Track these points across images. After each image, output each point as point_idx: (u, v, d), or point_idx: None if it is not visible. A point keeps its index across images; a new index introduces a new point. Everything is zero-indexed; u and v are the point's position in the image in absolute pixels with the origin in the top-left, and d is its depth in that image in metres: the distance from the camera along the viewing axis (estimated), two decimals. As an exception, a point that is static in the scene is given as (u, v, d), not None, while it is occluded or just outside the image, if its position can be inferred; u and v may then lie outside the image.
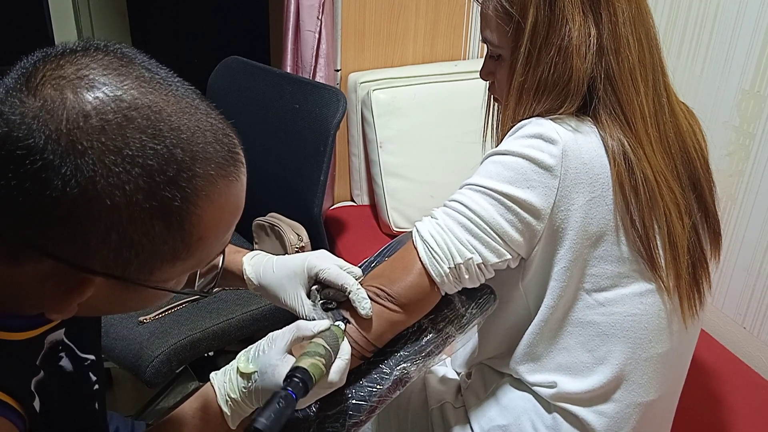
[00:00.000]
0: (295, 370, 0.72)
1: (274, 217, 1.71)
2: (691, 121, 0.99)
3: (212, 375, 0.80)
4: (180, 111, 0.56)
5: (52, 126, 0.51)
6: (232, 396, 0.77)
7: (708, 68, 1.58)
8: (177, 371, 1.82)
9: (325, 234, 1.70)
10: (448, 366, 1.18)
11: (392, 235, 1.98)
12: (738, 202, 1.55)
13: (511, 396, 1.01)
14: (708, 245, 0.98)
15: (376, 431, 1.17)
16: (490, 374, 1.06)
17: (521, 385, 1.01)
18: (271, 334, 0.79)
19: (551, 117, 0.88)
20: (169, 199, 0.54)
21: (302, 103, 1.69)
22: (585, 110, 0.90)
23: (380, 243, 1.04)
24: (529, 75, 0.90)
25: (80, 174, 0.51)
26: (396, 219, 1.99)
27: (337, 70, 2.06)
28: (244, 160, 0.62)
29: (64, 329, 0.73)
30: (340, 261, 0.91)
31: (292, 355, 0.77)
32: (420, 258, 0.89)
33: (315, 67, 1.96)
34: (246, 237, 1.92)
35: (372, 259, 0.99)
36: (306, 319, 0.89)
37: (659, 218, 0.89)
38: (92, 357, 0.79)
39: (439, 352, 0.92)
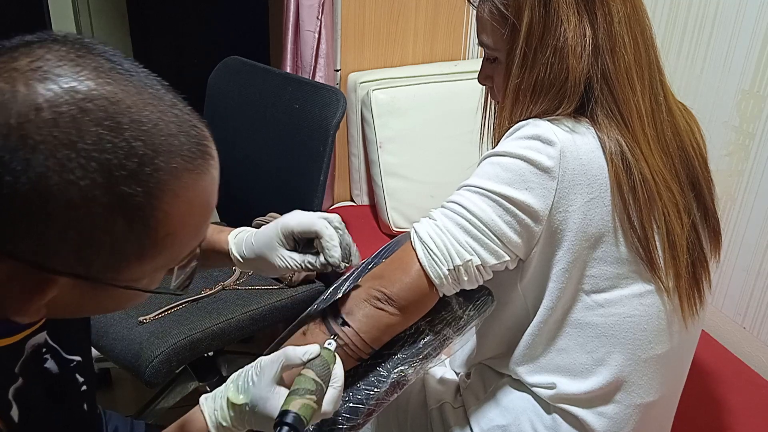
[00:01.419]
0: (284, 415, 0.70)
1: (274, 217, 1.70)
2: (688, 119, 0.99)
3: (202, 399, 0.78)
4: (142, 102, 0.53)
5: (1, 120, 0.49)
6: (224, 424, 0.75)
7: (708, 68, 1.58)
8: (177, 371, 1.81)
9: (324, 234, 1.70)
10: (447, 366, 1.18)
11: (392, 235, 1.98)
12: (738, 202, 1.55)
13: (510, 396, 1.01)
14: (708, 244, 0.98)
15: (375, 431, 1.17)
16: (489, 374, 1.06)
17: (521, 385, 1.01)
18: (259, 359, 0.77)
19: (548, 118, 0.88)
20: (130, 194, 0.52)
21: (302, 103, 1.69)
22: (582, 111, 0.90)
23: (380, 243, 1.03)
24: (526, 76, 0.90)
25: (31, 170, 0.49)
26: (396, 219, 1.99)
27: (337, 70, 2.06)
28: (214, 153, 0.59)
29: (46, 331, 0.71)
30: (313, 213, 0.90)
31: (283, 385, 0.75)
32: (419, 259, 0.89)
33: (315, 67, 1.96)
34: (246, 237, 1.92)
35: (369, 260, 0.99)
36: (300, 269, 0.88)
37: (658, 218, 0.89)
38: (78, 358, 0.77)
39: (437, 355, 0.92)
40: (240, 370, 0.77)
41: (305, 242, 0.90)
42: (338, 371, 0.78)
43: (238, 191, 1.94)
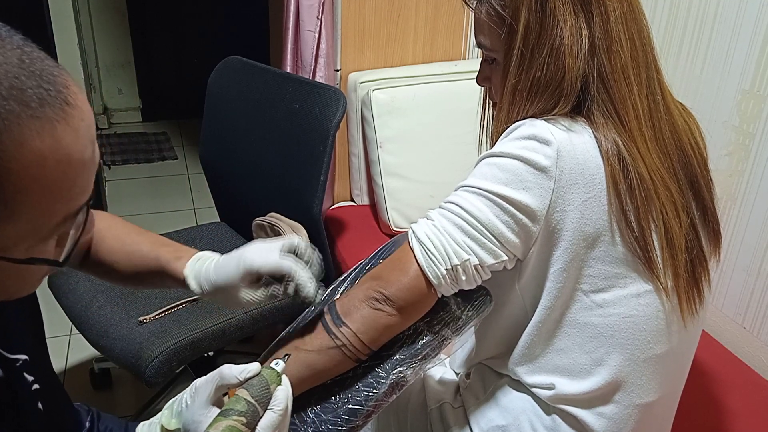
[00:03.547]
0: None
1: (274, 217, 1.70)
2: (687, 119, 0.98)
3: (139, 427, 0.75)
4: None
5: None
6: None
7: (708, 68, 1.58)
8: (177, 371, 1.82)
9: (324, 234, 1.70)
10: (446, 366, 1.18)
11: (392, 235, 1.98)
12: (738, 202, 1.55)
13: (510, 396, 1.01)
14: (707, 244, 0.98)
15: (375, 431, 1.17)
16: (489, 375, 1.06)
17: (520, 385, 1.01)
18: (195, 381, 0.73)
19: (545, 118, 0.88)
20: None
21: (302, 103, 1.69)
22: (579, 110, 0.90)
23: (380, 243, 1.03)
24: (522, 76, 0.90)
25: None
26: (396, 219, 1.99)
27: (337, 70, 2.06)
28: (79, 103, 0.54)
29: None
30: (272, 244, 0.85)
31: (220, 407, 0.70)
32: (416, 260, 0.88)
33: (315, 66, 1.96)
34: (246, 237, 1.92)
35: (367, 261, 0.99)
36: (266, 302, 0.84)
37: (656, 217, 0.89)
38: (24, 356, 0.75)
39: (436, 355, 0.92)
40: (178, 395, 0.74)
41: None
42: (281, 394, 0.72)
43: (238, 191, 1.94)
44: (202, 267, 0.90)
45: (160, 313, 1.58)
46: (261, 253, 0.85)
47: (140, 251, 0.95)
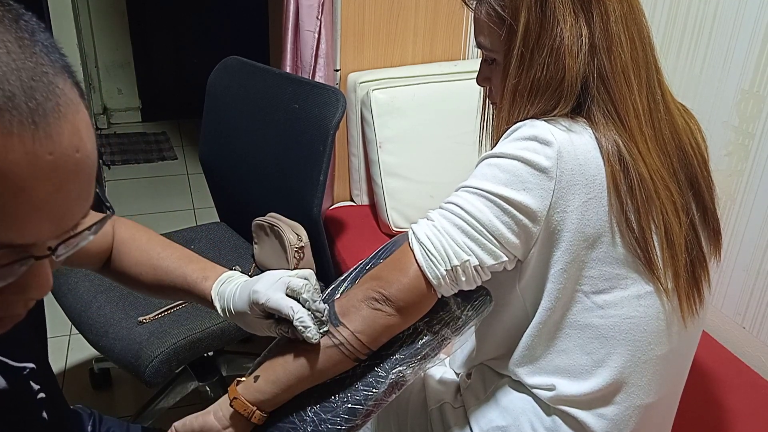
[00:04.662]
0: None
1: (274, 217, 1.70)
2: (688, 120, 0.98)
3: None
4: None
5: None
6: None
7: (707, 68, 1.58)
8: (176, 371, 1.82)
9: (324, 234, 1.70)
10: (446, 366, 1.18)
11: (391, 235, 1.97)
12: (737, 202, 1.55)
13: (510, 397, 1.01)
14: (708, 244, 0.98)
15: (375, 431, 1.17)
16: (489, 375, 1.06)
17: (521, 386, 1.01)
18: None
19: (545, 118, 0.88)
20: None
21: (302, 103, 1.69)
22: (579, 111, 0.90)
23: (379, 243, 1.03)
24: (523, 77, 0.90)
25: None
26: (395, 219, 1.99)
27: (337, 70, 2.06)
28: (62, 139, 0.45)
29: None
30: (280, 283, 0.86)
31: None
32: (416, 260, 0.88)
33: (314, 66, 1.96)
34: (246, 237, 1.92)
35: (367, 261, 0.99)
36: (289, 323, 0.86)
37: (656, 217, 0.89)
38: (32, 365, 0.74)
39: (435, 355, 0.92)
40: None
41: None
42: None
43: (237, 191, 1.94)
44: (226, 290, 0.92)
45: (160, 313, 1.58)
46: (267, 289, 0.86)
47: (166, 266, 0.96)
